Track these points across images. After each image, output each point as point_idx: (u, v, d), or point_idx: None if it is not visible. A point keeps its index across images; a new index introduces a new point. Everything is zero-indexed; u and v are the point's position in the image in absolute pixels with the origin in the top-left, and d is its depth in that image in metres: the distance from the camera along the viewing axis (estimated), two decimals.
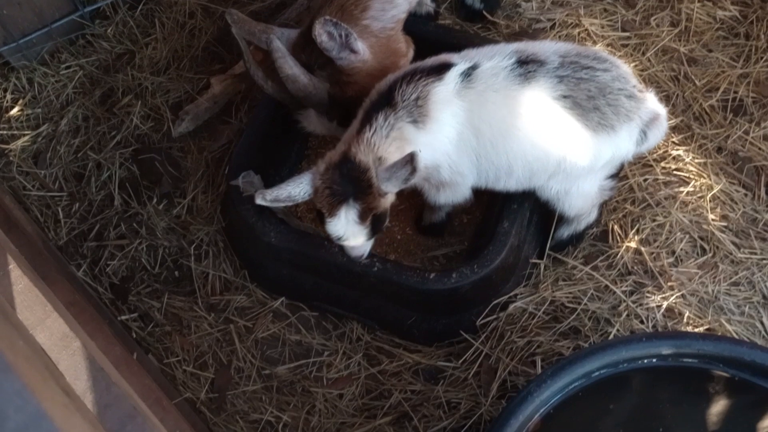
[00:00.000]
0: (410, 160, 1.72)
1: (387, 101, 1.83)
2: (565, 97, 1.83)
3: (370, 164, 1.77)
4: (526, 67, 1.83)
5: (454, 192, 2.04)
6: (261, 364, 2.21)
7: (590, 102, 1.83)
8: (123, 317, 2.28)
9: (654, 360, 1.67)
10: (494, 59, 1.85)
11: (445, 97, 1.84)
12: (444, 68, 1.86)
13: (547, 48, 1.89)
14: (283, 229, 2.14)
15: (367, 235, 1.88)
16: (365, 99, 1.93)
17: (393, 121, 1.81)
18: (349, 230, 1.83)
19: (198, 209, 2.45)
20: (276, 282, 2.29)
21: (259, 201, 1.81)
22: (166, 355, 2.22)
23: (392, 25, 2.07)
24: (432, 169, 1.94)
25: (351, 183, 1.77)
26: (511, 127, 1.85)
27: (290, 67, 1.91)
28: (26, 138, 2.63)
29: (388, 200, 1.89)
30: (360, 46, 1.97)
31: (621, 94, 1.86)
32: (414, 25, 2.31)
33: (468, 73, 1.85)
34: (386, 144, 1.79)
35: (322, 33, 1.88)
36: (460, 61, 1.87)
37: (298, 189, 1.82)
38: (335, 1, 1.98)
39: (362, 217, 1.81)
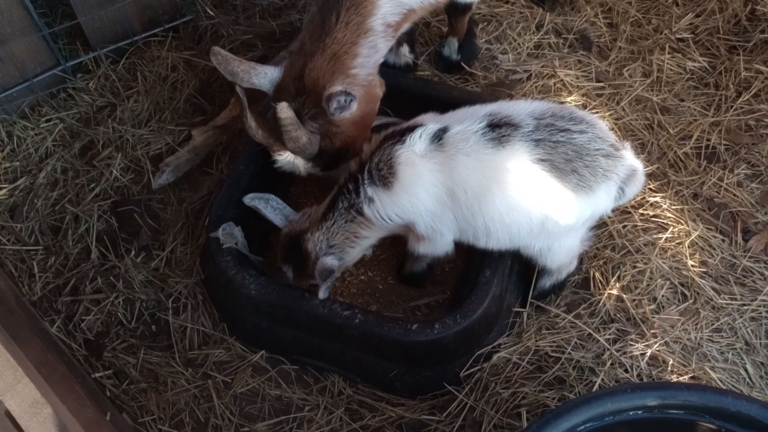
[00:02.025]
0: (328, 274, 1.98)
1: (354, 177, 1.96)
2: (542, 160, 1.84)
3: (311, 256, 2.03)
4: (500, 131, 1.85)
5: (434, 246, 2.05)
6: (240, 420, 2.14)
7: (568, 165, 1.85)
8: (97, 375, 2.21)
9: (640, 412, 1.64)
10: (464, 123, 1.88)
11: (408, 158, 1.88)
12: (410, 130, 1.90)
13: (521, 109, 1.90)
14: (263, 281, 2.11)
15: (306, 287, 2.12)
16: (350, 164, 2.03)
17: (355, 201, 1.96)
18: (290, 279, 2.12)
19: (177, 262, 2.42)
20: (256, 335, 2.24)
21: (245, 199, 2.11)
22: (141, 414, 2.15)
23: (374, 71, 2.13)
24: (408, 223, 1.96)
25: (293, 257, 2.07)
26: (487, 192, 1.86)
27: (295, 130, 1.97)
28: (3, 191, 2.60)
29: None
30: (355, 104, 2.03)
31: (598, 154, 1.88)
32: (393, 76, 2.36)
33: (438, 136, 1.88)
34: (344, 230, 2.00)
35: (334, 104, 1.98)
36: (429, 123, 1.91)
37: (277, 221, 2.12)
38: (327, 49, 2.02)
39: (297, 281, 2.11)
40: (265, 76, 2.07)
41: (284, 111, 1.91)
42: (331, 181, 2.15)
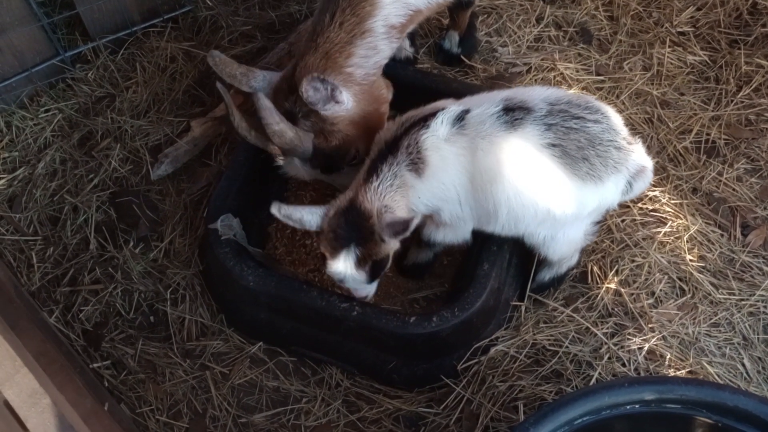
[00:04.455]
0: (405, 226, 1.78)
1: (390, 150, 1.87)
2: (553, 145, 1.83)
3: (374, 212, 1.83)
4: (513, 114, 1.84)
5: (455, 233, 2.05)
6: (237, 412, 2.15)
7: (580, 152, 1.84)
8: (95, 365, 2.22)
9: (637, 406, 1.64)
10: (482, 106, 1.87)
11: (434, 143, 1.85)
12: (432, 116, 1.88)
13: (537, 95, 1.90)
14: (262, 272, 2.11)
15: (366, 279, 1.91)
16: (372, 148, 1.96)
17: (396, 170, 1.85)
18: (348, 273, 1.88)
19: (175, 253, 2.42)
20: (254, 326, 2.24)
21: (273, 210, 1.84)
22: (139, 405, 2.16)
23: (375, 71, 2.09)
24: (433, 212, 1.96)
25: (354, 229, 1.84)
26: (498, 174, 1.85)
27: (277, 123, 1.91)
28: (1, 181, 2.59)
29: (390, 247, 1.91)
30: (344, 96, 1.99)
31: (610, 145, 1.87)
32: (393, 69, 2.34)
33: (461, 118, 1.86)
34: (392, 193, 1.85)
35: (308, 89, 1.91)
36: (450, 106, 1.89)
37: (310, 217, 1.87)
38: (320, 48, 2.00)
39: (360, 263, 1.86)
40: (264, 79, 2.05)
41: (260, 100, 1.86)
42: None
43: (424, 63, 2.76)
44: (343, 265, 1.87)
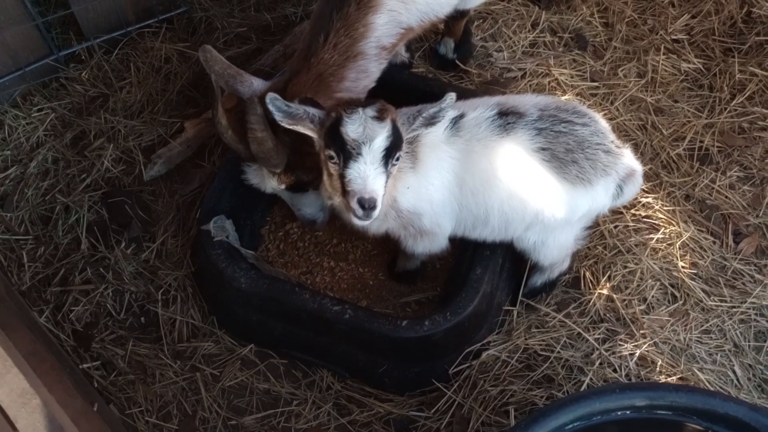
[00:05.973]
0: (445, 99, 1.68)
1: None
2: (543, 149, 1.85)
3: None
4: (506, 118, 1.87)
5: (432, 242, 2.04)
6: (227, 414, 2.14)
7: (568, 155, 1.86)
8: (85, 365, 2.20)
9: (628, 412, 1.65)
10: (478, 110, 1.89)
11: (432, 141, 1.87)
12: None
13: (528, 101, 1.93)
14: (254, 274, 2.11)
15: (389, 131, 1.67)
16: None
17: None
18: (368, 128, 1.67)
19: (167, 253, 2.41)
20: (245, 328, 2.24)
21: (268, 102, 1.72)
22: (129, 406, 2.14)
23: (362, 96, 2.08)
24: (414, 215, 1.94)
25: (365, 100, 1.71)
26: (491, 178, 1.87)
27: (261, 131, 1.89)
28: None
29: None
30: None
31: (599, 149, 1.89)
32: (389, 73, 2.34)
33: (456, 121, 1.88)
34: None
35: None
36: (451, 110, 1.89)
37: (314, 109, 1.76)
38: (313, 69, 1.98)
39: (381, 113, 1.69)
40: (250, 86, 2.02)
41: (253, 106, 1.83)
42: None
43: (419, 67, 2.76)
44: (361, 117, 1.67)
